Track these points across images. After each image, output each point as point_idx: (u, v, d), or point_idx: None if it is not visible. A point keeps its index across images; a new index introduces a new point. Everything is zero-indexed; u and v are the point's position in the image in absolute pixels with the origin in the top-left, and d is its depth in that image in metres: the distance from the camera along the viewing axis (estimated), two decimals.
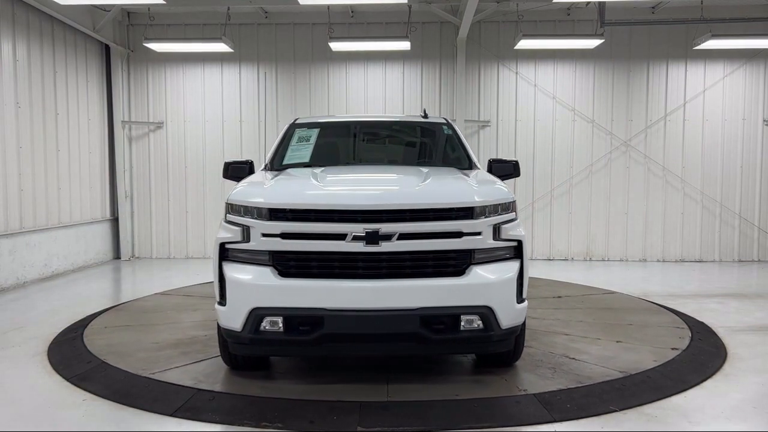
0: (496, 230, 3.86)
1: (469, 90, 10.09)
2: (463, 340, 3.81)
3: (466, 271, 3.79)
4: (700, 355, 4.80)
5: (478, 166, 5.12)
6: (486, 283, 3.75)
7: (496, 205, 3.89)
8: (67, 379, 4.28)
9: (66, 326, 5.68)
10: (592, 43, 9.30)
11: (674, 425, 3.55)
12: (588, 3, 9.46)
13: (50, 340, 5.25)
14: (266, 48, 10.23)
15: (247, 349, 3.99)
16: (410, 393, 3.96)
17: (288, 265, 3.78)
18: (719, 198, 10.08)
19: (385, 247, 3.67)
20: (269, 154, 5.28)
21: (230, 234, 3.87)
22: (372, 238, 3.65)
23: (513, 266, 3.89)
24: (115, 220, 10.37)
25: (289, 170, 4.75)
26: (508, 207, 3.97)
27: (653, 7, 9.70)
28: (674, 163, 10.08)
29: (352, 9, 9.74)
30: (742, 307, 6.61)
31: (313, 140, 5.30)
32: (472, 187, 4.01)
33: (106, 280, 8.52)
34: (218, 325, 4.07)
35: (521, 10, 9.56)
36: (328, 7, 9.41)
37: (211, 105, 10.33)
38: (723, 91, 10.02)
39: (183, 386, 4.06)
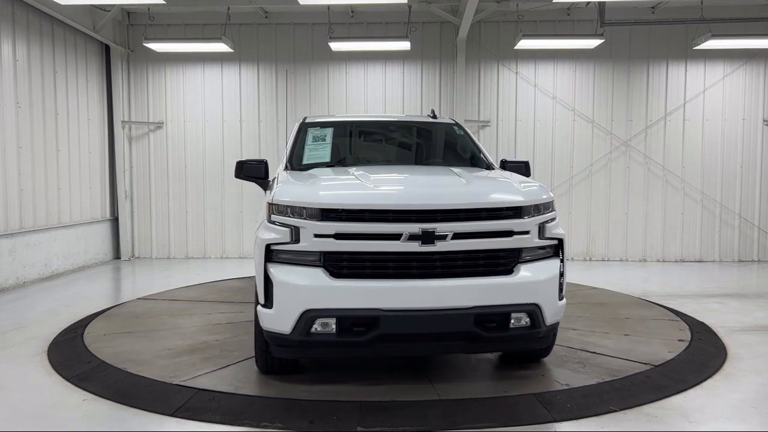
0: (541, 229, 3.94)
1: (469, 90, 10.09)
2: (512, 337, 3.87)
3: (514, 269, 3.85)
4: (700, 355, 4.80)
5: (495, 165, 5.19)
6: (534, 281, 3.81)
7: (539, 205, 3.95)
8: (67, 379, 4.28)
9: (66, 326, 5.68)
10: (592, 43, 9.31)
11: (674, 425, 3.55)
12: (588, 3, 9.46)
13: (50, 340, 5.24)
14: (266, 48, 10.23)
15: (295, 352, 3.91)
16: (461, 391, 4.00)
17: (340, 265, 3.71)
18: (719, 198, 10.08)
19: (439, 246, 3.67)
20: (286, 153, 5.15)
21: (277, 235, 3.75)
22: (428, 237, 3.65)
23: (555, 264, 3.97)
24: (115, 220, 10.37)
25: (315, 170, 4.63)
26: (549, 206, 4.04)
27: (653, 7, 9.70)
28: (674, 163, 10.08)
29: (352, 9, 9.74)
30: (742, 307, 6.61)
31: (329, 140, 5.23)
32: (519, 187, 4.06)
33: (106, 280, 8.52)
34: (257, 328, 3.99)
35: (521, 10, 9.56)
36: (328, 7, 9.42)
37: (211, 105, 10.33)
38: (723, 91, 10.02)
39: (183, 386, 4.06)
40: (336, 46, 9.41)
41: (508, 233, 3.80)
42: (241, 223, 10.32)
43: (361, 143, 5.70)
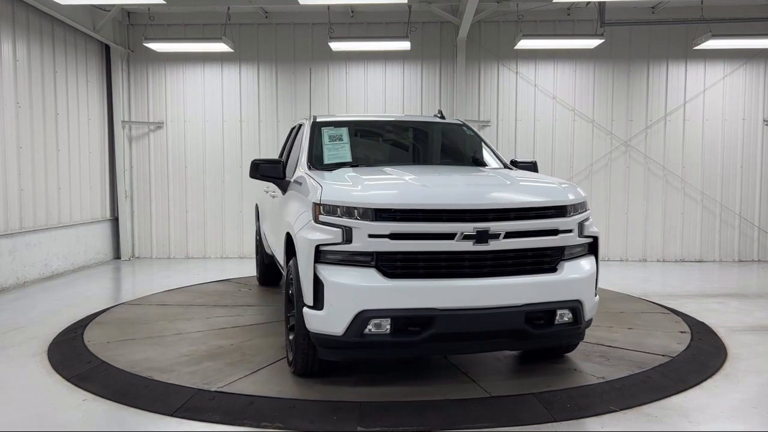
0: (581, 227, 4.05)
1: (469, 90, 10.09)
2: (556, 333, 3.99)
3: (558, 267, 3.95)
4: (700, 355, 4.80)
5: (510, 166, 5.31)
6: (577, 278, 3.93)
7: (578, 204, 4.06)
8: (67, 379, 4.28)
9: (66, 326, 5.68)
10: (592, 43, 9.31)
11: (674, 425, 3.55)
12: (588, 3, 9.46)
13: (50, 340, 5.25)
14: (266, 48, 10.23)
15: (345, 354, 3.89)
16: (512, 388, 4.06)
17: (394, 265, 3.69)
18: (719, 198, 10.08)
19: (492, 245, 3.72)
20: (303, 153, 5.02)
21: (328, 235, 3.70)
22: (482, 236, 3.69)
23: (592, 261, 4.12)
24: (115, 220, 10.37)
25: (347, 169, 4.59)
26: (585, 205, 4.15)
27: (653, 7, 9.70)
28: (674, 163, 10.08)
29: (352, 9, 9.74)
30: (742, 307, 6.61)
31: (346, 139, 5.19)
32: (560, 187, 4.14)
33: (106, 280, 8.52)
34: (299, 330, 3.95)
35: (521, 10, 9.56)
36: (328, 7, 9.41)
37: (211, 105, 10.33)
38: (723, 91, 10.02)
39: (183, 386, 4.05)
40: (336, 46, 9.41)
41: (554, 232, 3.91)
42: (241, 223, 10.32)
43: (378, 143, 5.71)
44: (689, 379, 4.25)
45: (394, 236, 3.64)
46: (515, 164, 5.34)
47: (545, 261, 3.92)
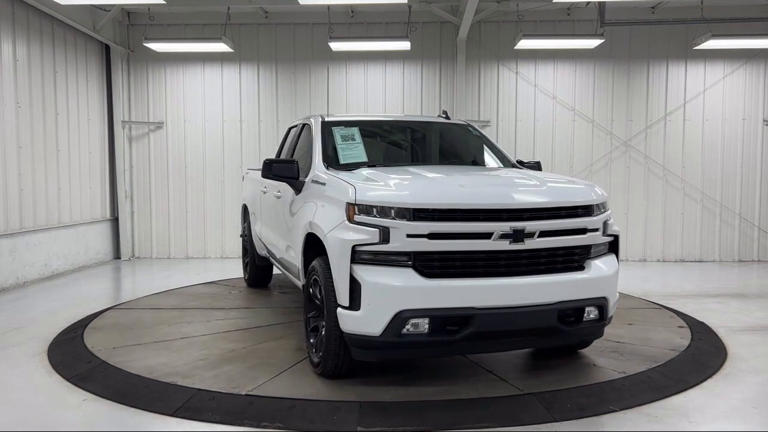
0: (605, 226, 4.15)
1: (469, 90, 10.09)
2: (583, 330, 4.11)
3: (585, 265, 4.05)
4: (700, 355, 4.80)
5: (519, 166, 5.39)
6: (603, 276, 4.05)
7: (601, 203, 4.18)
8: (67, 379, 4.28)
9: (66, 326, 5.68)
10: (592, 43, 9.30)
11: (674, 425, 3.55)
12: (588, 3, 9.46)
13: (50, 340, 5.24)
14: (266, 48, 10.23)
15: (381, 354, 3.91)
16: (546, 384, 4.08)
17: (432, 265, 3.71)
18: (719, 198, 10.08)
19: (527, 244, 3.78)
20: (317, 153, 4.95)
21: (365, 236, 3.69)
22: (518, 236, 3.74)
23: (614, 259, 4.24)
24: (115, 220, 10.37)
25: (365, 169, 4.58)
26: (606, 204, 4.27)
27: (653, 7, 9.70)
28: (674, 163, 10.08)
29: (352, 9, 9.74)
30: (742, 307, 6.61)
31: (359, 139, 5.18)
32: (585, 187, 4.24)
33: (106, 280, 8.53)
34: (330, 331, 3.92)
35: (521, 10, 9.56)
36: (328, 7, 9.41)
37: (211, 105, 10.33)
38: (723, 91, 10.02)
39: (183, 386, 4.05)
40: (336, 46, 9.41)
41: (583, 231, 4.01)
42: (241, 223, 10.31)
43: (389, 143, 5.69)
44: (689, 379, 4.25)
45: (432, 236, 3.66)
46: (521, 164, 5.40)
47: (574, 260, 4.02)
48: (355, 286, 3.70)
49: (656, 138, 10.09)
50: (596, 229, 4.07)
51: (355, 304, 3.70)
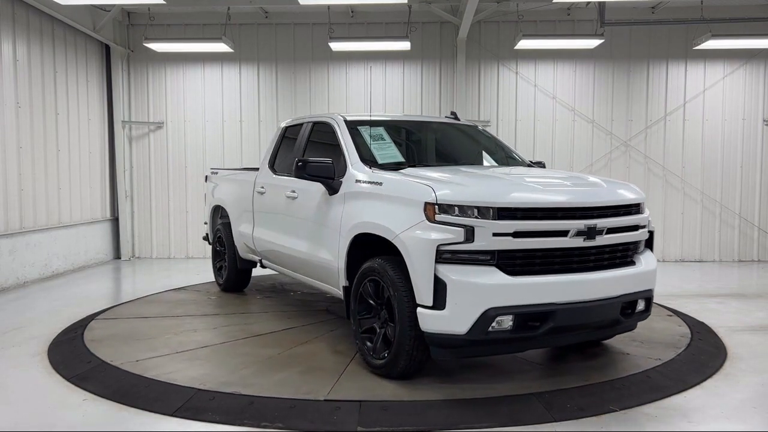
0: (647, 223, 4.42)
1: (469, 90, 10.09)
2: (634, 321, 4.35)
3: (635, 260, 4.30)
4: (700, 355, 4.80)
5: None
6: (650, 270, 4.30)
7: (644, 202, 4.43)
8: (67, 379, 4.28)
9: (66, 326, 5.67)
10: (592, 43, 9.30)
11: (674, 425, 3.55)
12: (588, 3, 9.46)
13: (50, 340, 5.24)
14: (266, 48, 10.23)
15: (462, 352, 3.94)
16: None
17: (514, 263, 3.78)
18: (719, 198, 10.08)
19: (598, 241, 3.97)
20: (352, 153, 4.86)
21: (449, 235, 3.70)
22: (591, 233, 3.91)
23: (652, 254, 4.48)
24: (115, 220, 10.37)
25: (413, 168, 4.58)
26: (645, 203, 4.52)
27: (653, 7, 9.70)
28: (674, 162, 10.08)
29: (352, 9, 9.74)
30: (742, 307, 6.61)
31: (388, 138, 5.18)
32: (630, 186, 4.48)
33: (106, 281, 8.53)
34: (403, 332, 3.91)
35: (521, 10, 9.56)
36: (328, 7, 9.41)
37: (211, 105, 10.33)
38: (723, 91, 10.02)
39: (183, 386, 4.05)
40: (336, 46, 9.41)
41: (635, 227, 4.26)
42: None
43: (414, 143, 5.68)
44: (689, 379, 4.25)
45: (516, 234, 3.74)
46: (530, 164, 5.60)
47: (628, 255, 4.27)
48: (439, 286, 3.70)
49: (656, 138, 10.09)
50: (644, 226, 4.33)
51: (439, 303, 3.71)
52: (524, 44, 9.26)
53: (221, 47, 9.37)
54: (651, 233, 4.50)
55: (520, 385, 4.10)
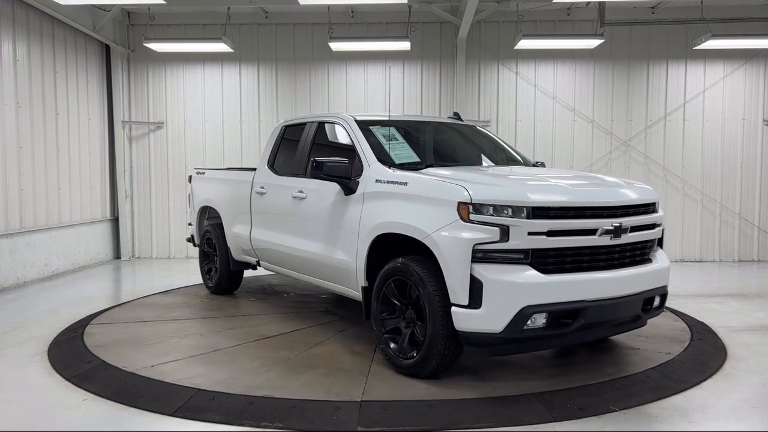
0: (661, 221, 4.56)
1: (469, 90, 10.09)
2: (651, 316, 4.46)
3: (651, 257, 4.44)
4: (700, 355, 4.80)
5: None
6: (666, 267, 4.46)
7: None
8: (67, 379, 4.28)
9: (66, 326, 5.67)
10: (592, 43, 9.30)
11: (674, 425, 3.55)
12: (588, 3, 9.46)
13: (50, 340, 5.24)
14: (266, 48, 10.23)
15: (496, 350, 3.97)
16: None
17: (547, 261, 3.84)
18: (719, 198, 10.08)
19: (624, 239, 4.09)
20: (368, 153, 4.83)
21: (485, 234, 3.74)
22: (618, 231, 4.03)
23: (663, 252, 4.62)
24: (115, 220, 10.37)
25: (436, 168, 4.62)
26: None
27: (653, 7, 9.70)
28: (674, 162, 10.08)
29: (352, 9, 9.74)
30: (742, 307, 6.61)
31: (401, 138, 5.18)
32: (648, 186, 4.65)
33: (106, 280, 8.52)
34: (436, 331, 3.91)
35: (521, 10, 9.56)
36: (328, 7, 9.41)
37: (211, 105, 10.33)
38: (723, 91, 10.02)
39: (183, 386, 4.05)
40: (336, 46, 9.41)
41: (653, 226, 4.41)
42: None
43: (427, 144, 5.66)
44: (689, 379, 4.25)
45: (550, 233, 3.81)
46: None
47: (646, 253, 4.41)
48: (475, 285, 3.73)
49: (656, 138, 10.09)
50: (660, 224, 4.49)
51: (474, 302, 3.74)
52: (524, 44, 9.26)
53: (221, 47, 9.37)
54: (662, 232, 4.61)
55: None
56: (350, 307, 6.31)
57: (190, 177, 7.58)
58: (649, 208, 4.38)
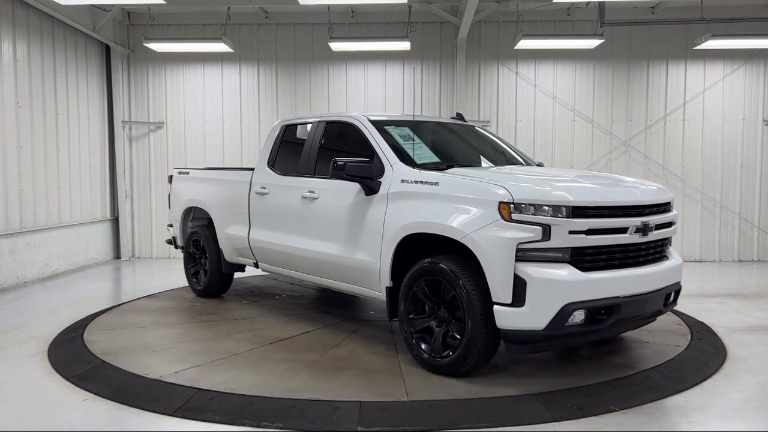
0: (676, 220, 4.74)
1: (469, 90, 10.09)
2: (667, 310, 4.66)
3: (668, 254, 4.66)
4: (700, 355, 4.81)
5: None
6: (680, 264, 4.66)
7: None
8: (67, 379, 4.28)
9: (66, 326, 5.67)
10: (592, 43, 9.30)
11: (674, 425, 3.55)
12: (588, 3, 9.45)
13: (50, 340, 5.24)
14: (266, 48, 10.23)
15: (536, 347, 4.02)
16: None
17: (584, 259, 3.95)
18: (719, 198, 10.08)
19: (650, 236, 4.26)
20: (389, 153, 4.79)
21: (528, 233, 3.81)
22: (645, 229, 4.18)
23: (674, 250, 4.83)
24: (115, 220, 10.37)
25: (463, 168, 4.66)
26: None
27: (653, 7, 9.70)
28: (674, 162, 10.08)
29: (352, 9, 9.74)
30: (742, 307, 6.61)
31: (417, 138, 5.17)
32: (663, 186, 4.80)
33: (106, 280, 8.53)
34: (475, 329, 3.94)
35: (521, 10, 9.56)
36: (328, 7, 9.41)
37: (211, 105, 10.33)
38: (723, 91, 10.02)
39: (183, 386, 4.05)
40: (336, 46, 9.41)
41: (670, 224, 4.61)
42: None
43: (441, 144, 5.66)
44: (689, 379, 4.25)
45: (589, 232, 3.93)
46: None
47: (664, 250, 4.61)
48: (518, 283, 3.80)
49: (656, 138, 10.09)
50: (675, 222, 4.69)
51: (518, 300, 3.80)
52: (524, 44, 9.26)
53: (221, 47, 9.37)
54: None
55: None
56: (349, 306, 6.31)
57: (170, 177, 7.38)
58: (667, 206, 4.56)
